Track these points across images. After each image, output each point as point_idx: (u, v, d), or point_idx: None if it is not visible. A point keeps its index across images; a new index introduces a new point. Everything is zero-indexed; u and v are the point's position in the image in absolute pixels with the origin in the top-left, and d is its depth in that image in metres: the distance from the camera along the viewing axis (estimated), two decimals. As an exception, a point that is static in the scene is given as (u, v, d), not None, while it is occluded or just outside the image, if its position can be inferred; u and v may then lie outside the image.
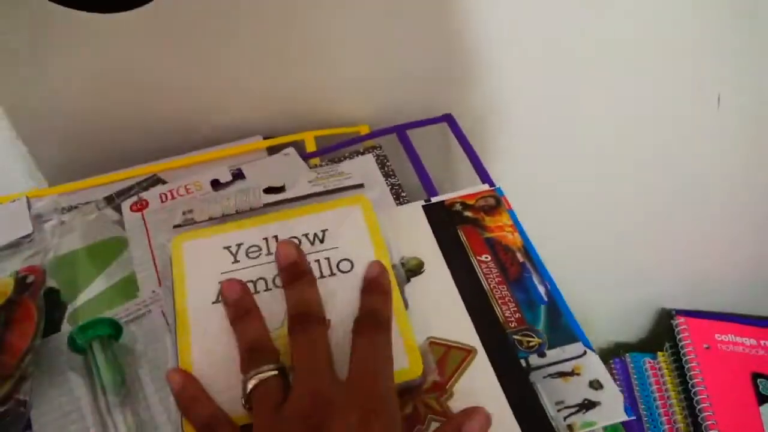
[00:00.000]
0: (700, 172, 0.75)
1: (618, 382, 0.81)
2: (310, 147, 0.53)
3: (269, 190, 0.46)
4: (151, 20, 0.45)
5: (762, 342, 0.78)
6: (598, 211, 0.77)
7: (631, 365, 0.82)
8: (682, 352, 0.77)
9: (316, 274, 0.38)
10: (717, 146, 0.71)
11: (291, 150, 0.51)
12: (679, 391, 0.76)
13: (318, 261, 0.38)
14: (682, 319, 0.80)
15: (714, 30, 0.60)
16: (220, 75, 0.52)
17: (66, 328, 0.37)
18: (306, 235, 0.40)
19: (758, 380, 0.74)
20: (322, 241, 0.39)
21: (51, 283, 0.39)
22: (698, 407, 0.71)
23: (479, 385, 0.34)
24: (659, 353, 0.81)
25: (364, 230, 0.39)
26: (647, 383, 0.80)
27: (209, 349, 0.35)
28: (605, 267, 0.84)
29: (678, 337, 0.79)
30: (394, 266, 0.38)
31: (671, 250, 0.84)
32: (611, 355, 0.85)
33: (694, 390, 0.73)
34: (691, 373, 0.74)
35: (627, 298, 0.90)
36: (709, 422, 0.70)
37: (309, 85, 0.54)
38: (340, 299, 0.36)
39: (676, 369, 0.78)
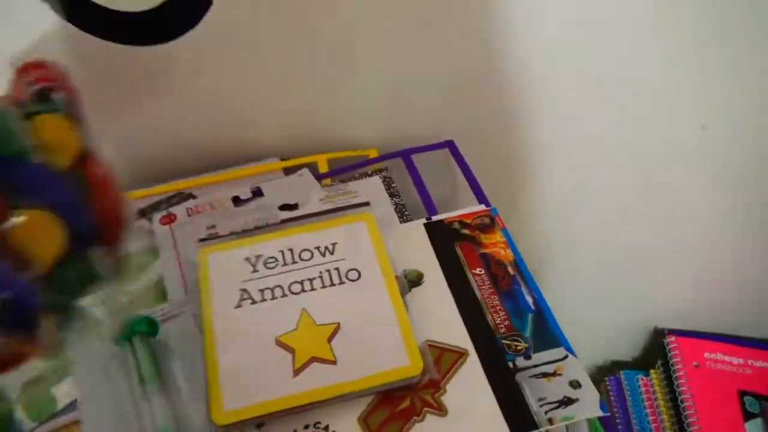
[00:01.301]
0: (689, 198, 0.79)
1: (613, 399, 0.85)
2: (323, 168, 0.58)
3: (284, 207, 0.51)
4: (189, 48, 0.50)
5: (749, 361, 0.81)
6: (594, 235, 0.81)
7: (625, 383, 0.85)
8: (672, 369, 0.80)
9: (327, 282, 0.42)
10: (703, 173, 0.76)
11: (305, 171, 0.56)
12: (669, 407, 0.79)
13: (329, 271, 0.43)
14: (673, 338, 0.83)
15: (702, 61, 0.65)
16: (246, 104, 0.57)
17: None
18: (318, 248, 0.44)
19: (745, 398, 0.77)
20: (332, 253, 0.44)
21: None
22: (686, 422, 0.75)
23: (470, 383, 0.39)
24: (652, 371, 0.84)
25: (370, 244, 0.44)
26: (640, 400, 0.83)
27: (232, 348, 0.39)
28: (601, 288, 0.88)
29: (669, 355, 0.82)
30: (397, 277, 0.43)
31: (663, 273, 0.88)
32: (607, 372, 0.89)
33: (683, 406, 0.76)
34: (681, 389, 0.78)
35: (622, 318, 0.93)
36: (698, 437, 0.73)
37: (324, 113, 0.59)
38: (348, 304, 0.41)
39: (667, 386, 0.81)
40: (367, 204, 0.48)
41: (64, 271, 0.26)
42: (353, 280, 0.42)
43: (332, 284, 0.42)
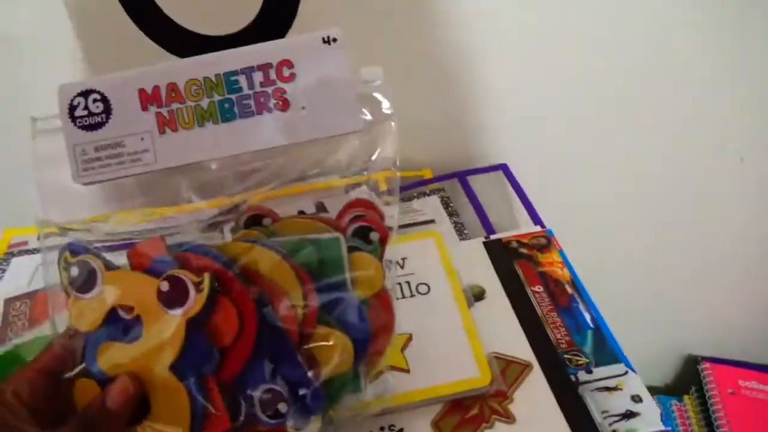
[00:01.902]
0: (729, 227, 0.81)
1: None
2: (382, 187, 0.61)
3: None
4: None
5: (785, 390, 0.82)
6: (632, 262, 0.83)
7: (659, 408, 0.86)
8: (707, 395, 0.81)
9: (399, 295, 0.45)
10: (741, 202, 0.78)
11: (365, 188, 0.59)
12: (702, 435, 0.80)
13: (400, 284, 0.45)
14: (707, 365, 0.84)
15: (739, 92, 0.68)
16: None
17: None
18: (389, 262, 0.47)
19: (780, 425, 0.78)
20: (402, 268, 0.46)
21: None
22: (723, 447, 0.76)
23: (535, 394, 0.41)
24: (685, 396, 0.85)
25: (438, 259, 0.47)
26: (674, 425, 0.84)
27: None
28: (637, 314, 0.90)
29: (704, 381, 0.83)
30: (464, 290, 0.45)
31: (700, 301, 0.89)
32: (639, 397, 0.89)
33: (719, 431, 0.77)
34: (716, 415, 0.79)
35: (656, 344, 0.94)
36: (734, 463, 0.74)
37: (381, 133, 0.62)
38: (419, 316, 0.43)
39: (702, 412, 0.82)
40: (432, 221, 0.51)
41: (335, 381, 0.32)
42: (423, 294, 0.45)
43: (403, 297, 0.44)
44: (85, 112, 0.30)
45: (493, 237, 0.52)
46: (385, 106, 0.33)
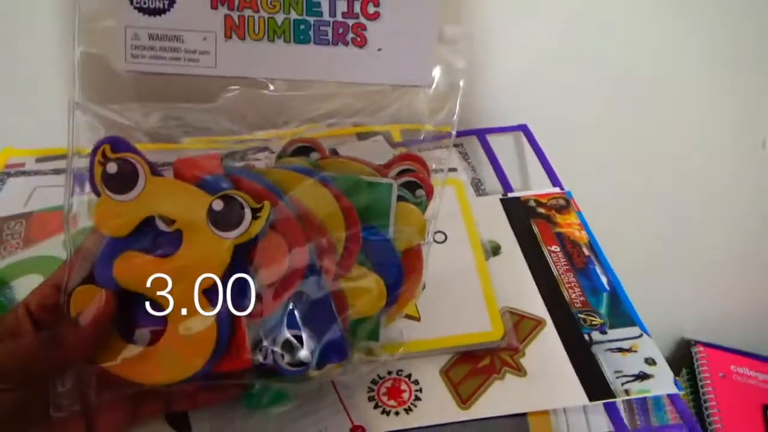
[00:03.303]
0: (743, 215, 0.80)
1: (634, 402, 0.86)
2: (396, 138, 0.59)
3: (365, 169, 0.52)
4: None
5: (776, 378, 0.82)
6: (633, 240, 0.82)
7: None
8: (699, 377, 0.82)
9: (415, 240, 0.43)
10: (755, 187, 0.77)
11: (380, 137, 0.57)
12: (692, 414, 0.81)
13: (416, 230, 0.44)
14: (701, 348, 0.85)
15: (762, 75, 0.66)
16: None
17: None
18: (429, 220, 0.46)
19: (768, 412, 0.78)
20: (419, 214, 0.45)
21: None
22: (710, 428, 0.76)
23: (548, 350, 0.40)
24: (677, 378, 0.86)
25: (458, 208, 0.45)
26: (662, 404, 0.84)
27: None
28: (636, 290, 0.89)
29: (696, 363, 0.84)
30: (482, 243, 0.44)
31: (698, 284, 0.89)
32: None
33: (707, 413, 0.78)
34: (707, 396, 0.79)
35: (651, 325, 0.95)
36: (720, 445, 0.74)
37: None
38: (433, 264, 0.42)
39: (691, 394, 0.83)
40: (455, 170, 0.50)
41: (356, 325, 0.31)
42: (440, 242, 0.43)
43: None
44: (146, -8, 0.27)
45: (510, 195, 0.51)
46: (459, 66, 0.32)
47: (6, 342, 0.28)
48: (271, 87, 0.30)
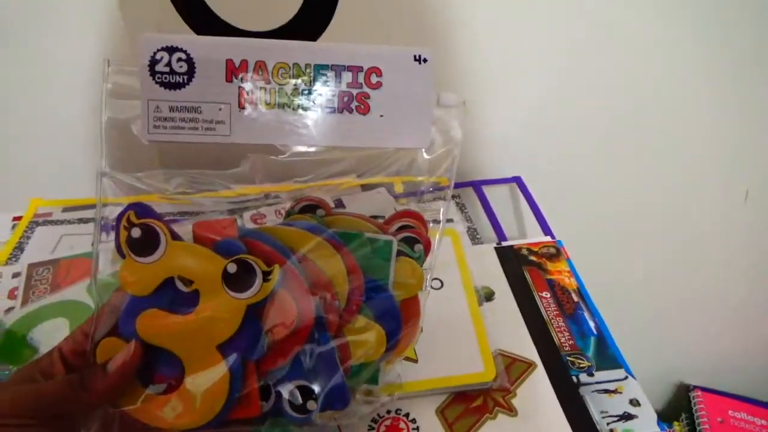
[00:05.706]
0: (731, 261, 0.83)
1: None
2: (398, 189, 0.63)
3: (368, 219, 0.56)
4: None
5: (773, 423, 0.83)
6: (631, 286, 0.85)
7: (648, 433, 0.88)
8: (697, 422, 0.83)
9: (412, 287, 0.46)
10: (743, 237, 0.80)
11: (383, 189, 0.61)
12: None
13: (414, 278, 0.47)
14: (699, 393, 0.86)
15: (745, 128, 0.70)
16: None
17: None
18: (426, 271, 0.49)
19: (767, 457, 0.79)
20: (417, 263, 0.48)
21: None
22: (710, 474, 0.77)
23: (538, 390, 0.42)
24: (675, 423, 0.87)
25: (453, 257, 0.48)
26: (662, 450, 0.85)
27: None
28: (632, 337, 0.91)
29: (694, 408, 0.85)
30: (476, 289, 0.47)
31: (695, 331, 0.91)
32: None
33: (706, 458, 0.79)
34: (706, 442, 0.80)
35: (650, 370, 0.96)
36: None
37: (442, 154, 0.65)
38: (430, 310, 0.45)
39: (691, 439, 0.84)
40: (451, 221, 0.53)
41: (362, 369, 0.34)
42: (436, 289, 0.47)
43: (417, 289, 0.46)
44: (167, 69, 0.30)
45: (504, 243, 0.54)
46: (455, 132, 0.35)
47: (40, 382, 0.31)
48: (282, 152, 0.33)
